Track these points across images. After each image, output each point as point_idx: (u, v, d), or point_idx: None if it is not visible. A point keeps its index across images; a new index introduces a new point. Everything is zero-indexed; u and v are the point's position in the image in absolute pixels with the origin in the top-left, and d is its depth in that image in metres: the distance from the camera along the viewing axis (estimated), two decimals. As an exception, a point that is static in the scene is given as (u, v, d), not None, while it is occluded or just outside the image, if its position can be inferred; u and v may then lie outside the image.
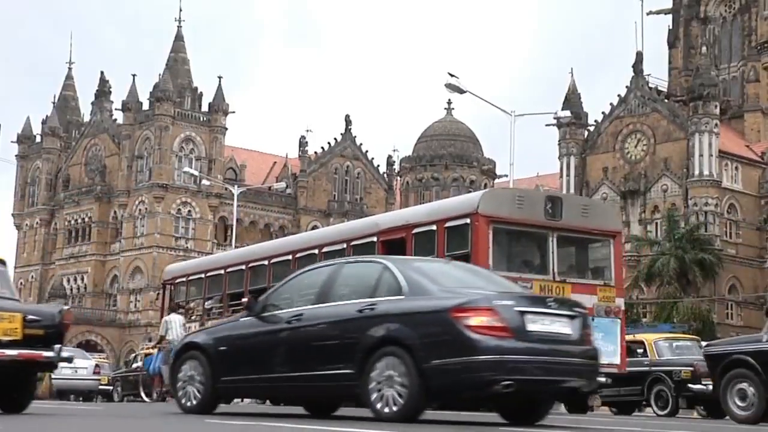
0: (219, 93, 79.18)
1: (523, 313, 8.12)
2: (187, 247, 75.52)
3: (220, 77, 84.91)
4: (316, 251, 17.25)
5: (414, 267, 9.01)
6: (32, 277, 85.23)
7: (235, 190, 49.23)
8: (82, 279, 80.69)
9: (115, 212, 79.96)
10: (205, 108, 79.25)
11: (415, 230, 15.24)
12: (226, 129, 79.63)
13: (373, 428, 7.77)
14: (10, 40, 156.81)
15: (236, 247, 45.44)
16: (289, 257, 18.01)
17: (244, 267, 19.28)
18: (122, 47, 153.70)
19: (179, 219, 77.34)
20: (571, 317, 8.64)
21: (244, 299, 13.81)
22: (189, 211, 77.74)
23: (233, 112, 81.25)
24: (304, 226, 76.53)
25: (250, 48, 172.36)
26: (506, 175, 41.77)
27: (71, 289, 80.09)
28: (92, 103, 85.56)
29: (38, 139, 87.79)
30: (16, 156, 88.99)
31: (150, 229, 76.44)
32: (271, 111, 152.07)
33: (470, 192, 75.87)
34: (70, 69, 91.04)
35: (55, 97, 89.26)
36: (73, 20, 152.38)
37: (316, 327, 8.96)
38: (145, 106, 78.56)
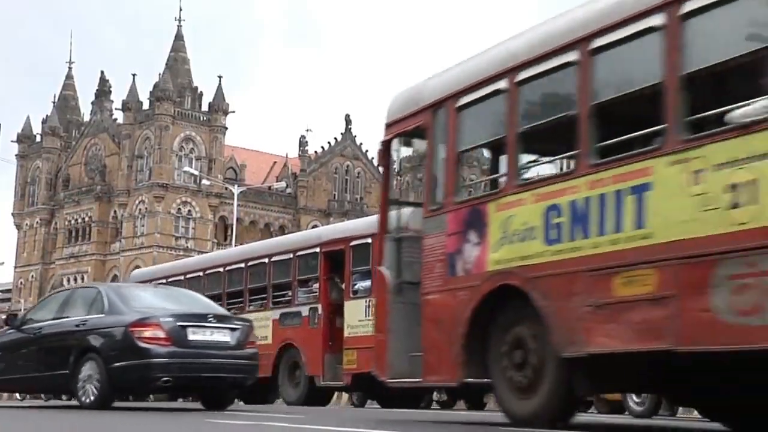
0: (219, 93, 79.21)
1: (184, 327, 10.49)
2: (187, 247, 75.55)
3: (220, 77, 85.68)
4: (266, 260, 18.03)
5: (117, 291, 11.47)
6: (32, 276, 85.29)
7: (235, 190, 49.20)
8: (82, 278, 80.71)
9: (115, 212, 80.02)
10: (205, 108, 79.30)
11: (353, 243, 15.99)
12: (226, 129, 79.70)
13: (372, 428, 7.86)
14: (10, 40, 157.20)
15: (236, 246, 45.41)
16: (242, 265, 18.56)
17: (201, 274, 19.56)
18: (122, 47, 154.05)
19: (179, 218, 77.41)
20: (232, 329, 10.99)
21: None
22: (189, 210, 77.79)
23: (233, 111, 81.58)
24: (304, 225, 76.54)
25: (250, 48, 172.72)
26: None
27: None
28: (92, 103, 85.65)
29: (38, 138, 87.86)
30: (16, 155, 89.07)
31: (150, 228, 76.50)
32: (271, 111, 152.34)
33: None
34: (70, 69, 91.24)
35: (55, 96, 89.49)
36: (73, 20, 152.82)
37: (49, 337, 11.37)
38: (145, 105, 78.61)
